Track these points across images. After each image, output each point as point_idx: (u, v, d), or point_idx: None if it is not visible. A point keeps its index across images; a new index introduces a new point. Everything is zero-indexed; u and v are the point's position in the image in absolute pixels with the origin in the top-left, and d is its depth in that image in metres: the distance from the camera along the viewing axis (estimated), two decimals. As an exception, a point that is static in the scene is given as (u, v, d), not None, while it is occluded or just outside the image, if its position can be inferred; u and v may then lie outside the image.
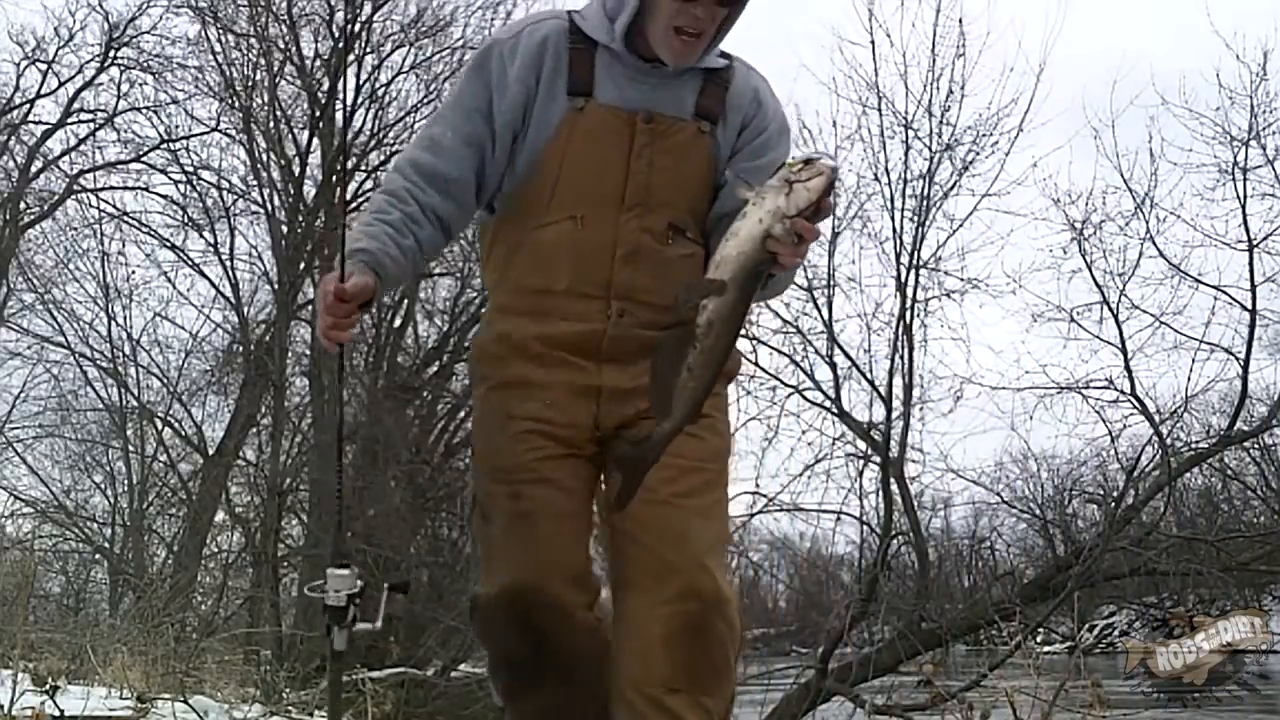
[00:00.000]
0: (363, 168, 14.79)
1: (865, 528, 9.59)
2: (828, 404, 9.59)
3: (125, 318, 15.15)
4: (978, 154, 9.50)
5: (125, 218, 15.05)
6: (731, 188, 2.07)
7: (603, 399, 2.20)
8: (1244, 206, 8.99)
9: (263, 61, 14.23)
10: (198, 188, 14.71)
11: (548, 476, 2.18)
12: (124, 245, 15.28)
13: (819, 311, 9.64)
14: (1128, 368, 9.17)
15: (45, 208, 15.24)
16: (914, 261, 9.41)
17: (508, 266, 2.27)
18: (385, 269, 2.13)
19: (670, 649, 2.08)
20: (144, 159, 14.88)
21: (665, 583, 2.10)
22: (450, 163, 2.19)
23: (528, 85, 2.15)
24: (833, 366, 9.53)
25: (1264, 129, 8.97)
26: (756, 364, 9.91)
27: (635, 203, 2.16)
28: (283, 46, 14.37)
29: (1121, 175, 9.31)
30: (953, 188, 9.52)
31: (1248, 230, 8.96)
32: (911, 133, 9.52)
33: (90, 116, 15.07)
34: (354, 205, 14.85)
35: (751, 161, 2.19)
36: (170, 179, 14.84)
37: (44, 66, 14.81)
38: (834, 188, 1.84)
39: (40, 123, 15.21)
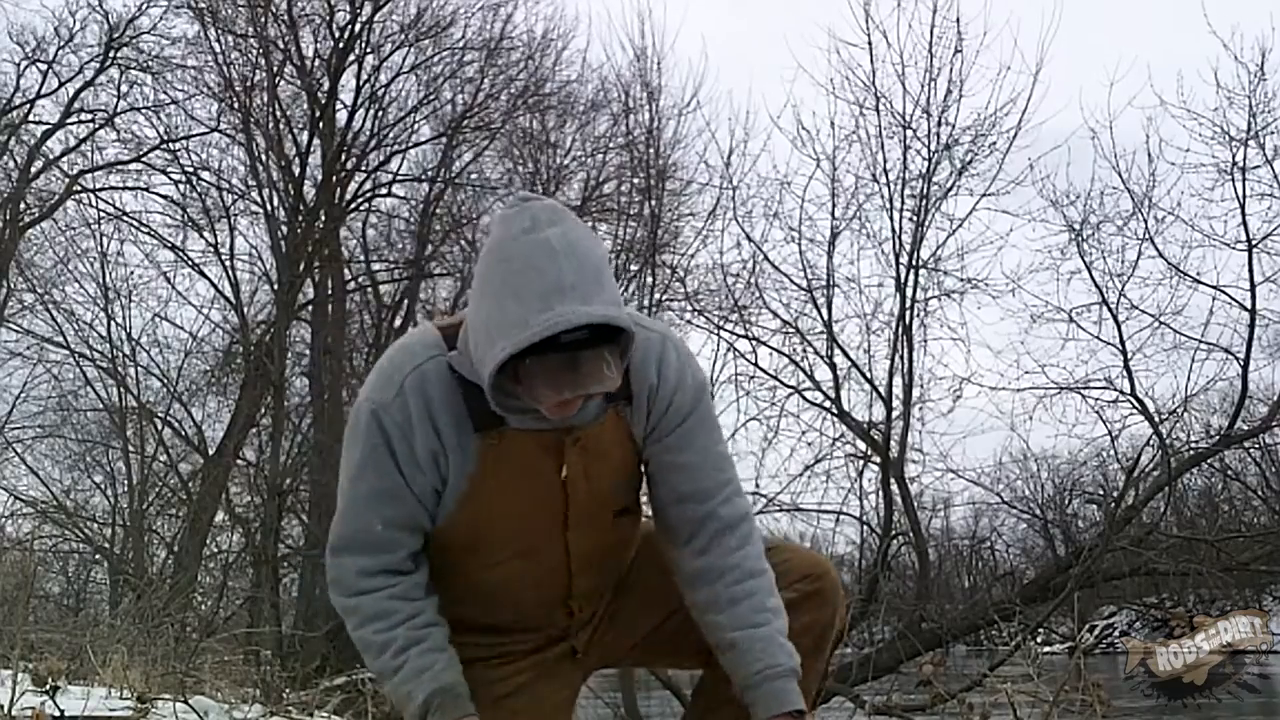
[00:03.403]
0: (362, 168, 14.79)
1: (865, 528, 9.61)
2: (828, 404, 9.61)
3: (125, 318, 15.09)
4: (976, 154, 9.54)
5: (125, 218, 15.03)
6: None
7: (574, 598, 2.11)
8: (1243, 206, 9.02)
9: (262, 61, 14.23)
10: (198, 188, 14.70)
11: (530, 703, 2.08)
12: (123, 245, 15.26)
13: (818, 312, 9.68)
14: (1127, 368, 9.19)
15: (45, 208, 15.21)
16: (913, 261, 9.43)
17: (445, 598, 2.05)
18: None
19: None
20: (144, 159, 14.86)
21: None
22: (394, 556, 1.96)
23: (432, 442, 1.90)
24: (832, 367, 9.55)
25: (1262, 129, 9.01)
26: (756, 364, 9.94)
27: (581, 519, 2.00)
28: (282, 46, 14.37)
29: (1120, 175, 9.35)
30: (952, 188, 9.56)
31: (1247, 230, 8.99)
32: (910, 133, 9.56)
33: (90, 116, 15.06)
34: (353, 205, 14.88)
35: (668, 437, 2.00)
36: (170, 179, 14.83)
37: (44, 66, 14.79)
38: None
39: (40, 123, 15.20)
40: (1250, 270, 8.93)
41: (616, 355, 1.78)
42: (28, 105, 15.03)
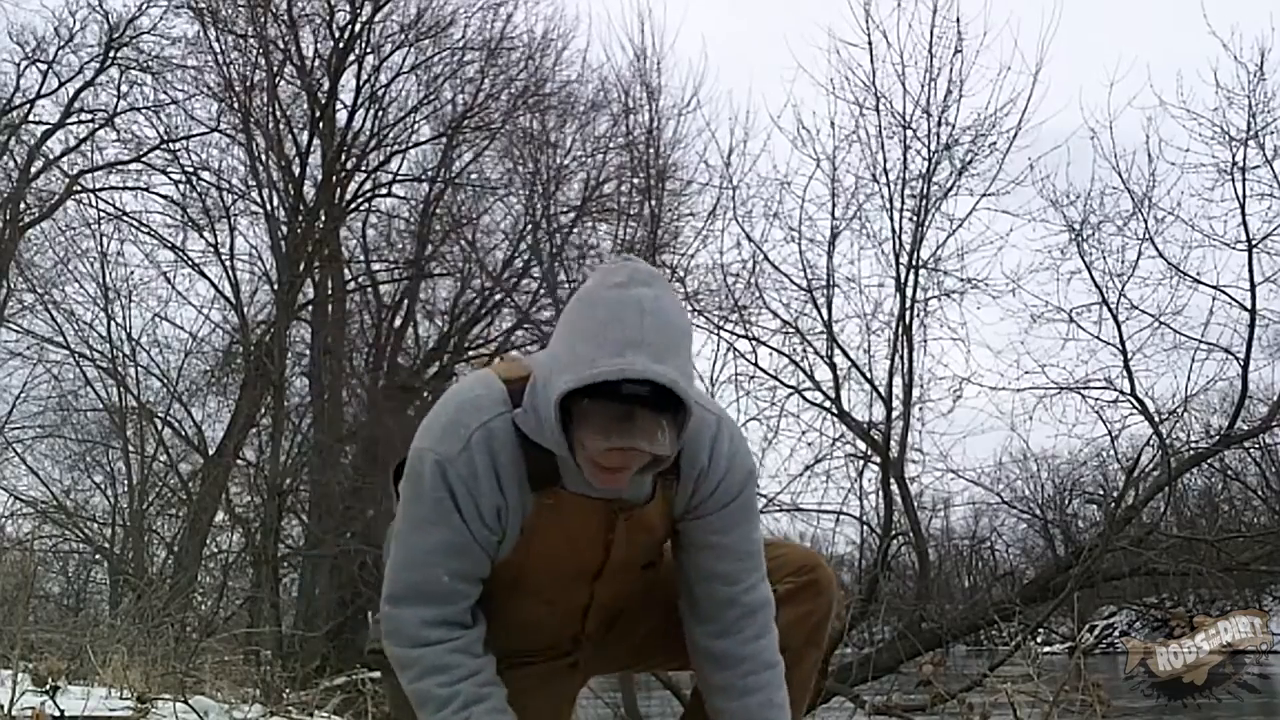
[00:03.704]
0: (362, 168, 14.81)
1: (865, 528, 9.59)
2: (828, 404, 9.59)
3: (125, 318, 15.12)
4: (976, 154, 9.50)
5: (125, 218, 15.06)
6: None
7: (589, 619, 2.15)
8: (1243, 206, 8.99)
9: (262, 61, 14.25)
10: (197, 188, 14.73)
11: (531, 704, 2.10)
12: (123, 245, 15.28)
13: (818, 312, 9.65)
14: (1127, 368, 9.17)
15: (45, 208, 15.23)
16: (913, 262, 9.41)
17: None
18: None
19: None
20: (144, 159, 14.89)
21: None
22: (456, 608, 1.96)
23: (497, 499, 1.92)
24: (832, 367, 9.53)
25: (1262, 129, 8.98)
26: (756, 364, 9.92)
27: (612, 576, 2.07)
28: (282, 46, 14.39)
29: (1120, 175, 9.32)
30: (952, 188, 9.53)
31: (1247, 230, 8.97)
32: (910, 133, 9.52)
33: (90, 117, 15.09)
34: (353, 205, 14.89)
35: (709, 517, 2.03)
36: (170, 179, 14.87)
37: (44, 66, 14.83)
38: None
39: (40, 123, 15.23)
40: (1250, 270, 8.91)
41: (673, 427, 1.78)
42: (28, 105, 15.08)
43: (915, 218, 9.46)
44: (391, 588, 1.97)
